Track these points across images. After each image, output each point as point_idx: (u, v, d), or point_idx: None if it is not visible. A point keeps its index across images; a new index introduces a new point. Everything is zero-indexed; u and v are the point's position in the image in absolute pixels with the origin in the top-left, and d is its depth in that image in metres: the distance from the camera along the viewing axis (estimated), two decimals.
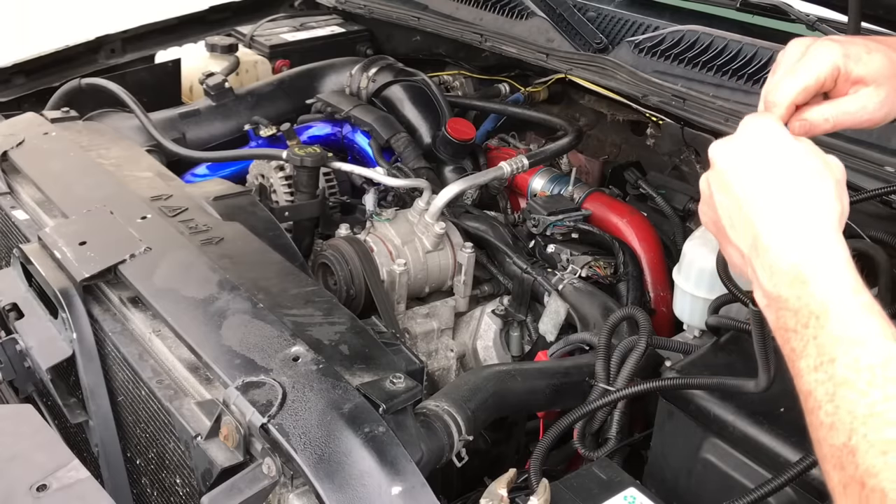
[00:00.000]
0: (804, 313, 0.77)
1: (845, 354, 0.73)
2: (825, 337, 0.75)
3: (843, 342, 0.74)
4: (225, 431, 1.07)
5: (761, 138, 0.88)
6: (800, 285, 0.78)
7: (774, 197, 0.83)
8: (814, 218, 0.82)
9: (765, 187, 0.84)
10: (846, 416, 0.70)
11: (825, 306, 0.76)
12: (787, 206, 0.83)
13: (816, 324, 0.76)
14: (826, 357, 0.74)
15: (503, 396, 1.31)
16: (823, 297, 0.77)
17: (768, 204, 0.83)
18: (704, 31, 1.94)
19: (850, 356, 0.72)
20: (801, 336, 0.77)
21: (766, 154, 0.86)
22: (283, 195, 1.94)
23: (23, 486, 1.01)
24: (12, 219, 1.63)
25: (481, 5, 2.35)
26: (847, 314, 0.75)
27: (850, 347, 0.73)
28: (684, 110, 1.75)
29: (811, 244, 0.80)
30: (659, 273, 1.79)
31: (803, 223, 0.81)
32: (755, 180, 0.85)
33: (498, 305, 1.83)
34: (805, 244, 0.80)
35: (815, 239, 0.80)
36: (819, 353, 0.75)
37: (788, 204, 0.83)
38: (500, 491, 1.08)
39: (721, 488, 1.14)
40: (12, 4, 5.42)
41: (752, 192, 0.85)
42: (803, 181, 0.84)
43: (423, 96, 2.18)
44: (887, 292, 1.39)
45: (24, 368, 1.39)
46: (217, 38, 2.48)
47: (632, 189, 2.02)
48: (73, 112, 1.98)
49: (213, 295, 1.28)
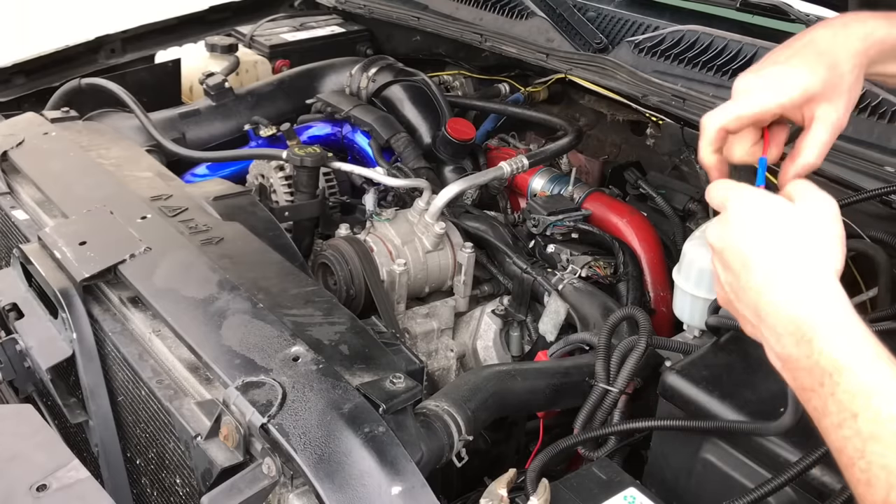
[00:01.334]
0: (817, 372, 0.76)
1: (866, 408, 0.72)
2: (842, 393, 0.74)
3: (861, 395, 0.73)
4: (225, 431, 1.07)
5: (744, 211, 0.90)
6: (806, 344, 0.78)
7: (764, 262, 0.85)
8: (805, 272, 0.82)
9: (755, 256, 0.86)
10: (880, 472, 0.69)
11: (835, 362, 0.75)
12: (777, 268, 0.84)
13: (831, 381, 0.75)
14: (847, 413, 0.73)
15: (503, 396, 1.31)
16: (831, 352, 0.76)
17: (760, 270, 0.85)
18: (704, 31, 1.94)
19: (871, 410, 0.71)
20: (819, 395, 0.76)
21: (751, 225, 0.88)
22: (283, 195, 1.94)
23: (23, 486, 1.01)
24: (12, 219, 1.63)
25: (481, 5, 2.35)
26: (858, 366, 0.74)
27: (869, 400, 0.72)
28: (684, 110, 1.75)
29: (807, 300, 0.80)
30: (659, 273, 1.79)
31: (795, 281, 0.82)
32: (746, 252, 0.87)
33: (498, 305, 1.83)
34: (801, 301, 0.80)
35: (810, 294, 0.81)
36: (840, 411, 0.73)
37: (778, 265, 0.84)
38: (500, 491, 1.08)
39: (721, 488, 1.13)
40: (12, 4, 5.41)
41: (746, 262, 0.87)
42: (789, 239, 0.85)
43: (423, 96, 2.18)
44: (887, 292, 1.39)
45: (24, 368, 1.40)
46: (217, 38, 2.48)
47: (632, 189, 2.02)
48: (73, 112, 1.98)
49: (213, 295, 1.28)
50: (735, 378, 1.16)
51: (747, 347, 1.17)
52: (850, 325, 0.78)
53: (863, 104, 1.62)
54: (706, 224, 1.57)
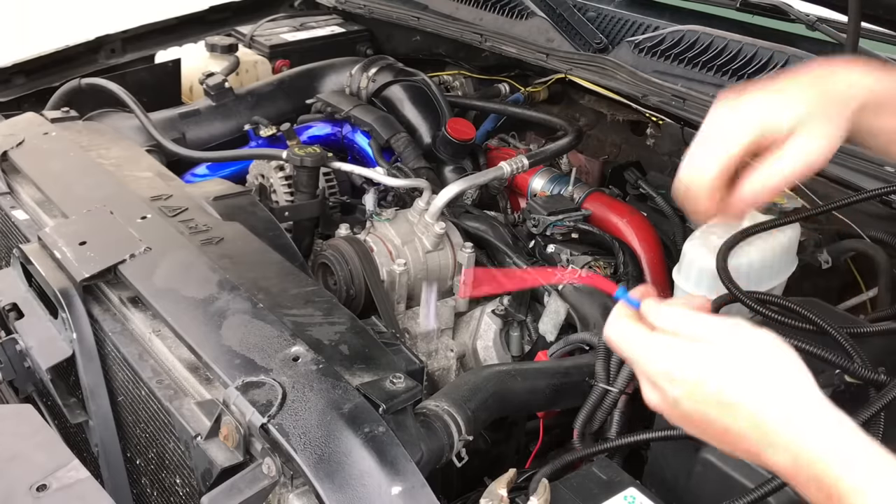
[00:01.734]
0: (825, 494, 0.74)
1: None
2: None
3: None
4: (225, 431, 1.07)
5: (669, 374, 0.83)
6: (807, 468, 0.75)
7: (737, 423, 0.80)
8: (779, 399, 0.78)
9: (722, 418, 0.81)
10: None
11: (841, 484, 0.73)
12: (755, 423, 0.79)
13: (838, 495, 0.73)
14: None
15: (503, 396, 1.31)
16: (835, 472, 0.74)
17: (741, 430, 0.80)
18: (704, 31, 1.95)
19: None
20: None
21: (688, 389, 0.82)
22: (283, 195, 1.94)
23: (23, 486, 1.01)
24: (12, 219, 1.63)
25: (481, 5, 2.35)
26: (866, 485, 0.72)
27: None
28: (684, 110, 1.75)
29: (831, 452, 0.75)
30: (659, 273, 1.79)
31: (783, 428, 0.77)
32: (709, 417, 0.82)
33: (498, 305, 1.82)
34: (826, 455, 0.75)
35: (830, 441, 0.76)
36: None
37: (752, 401, 0.79)
38: (500, 491, 1.08)
39: (721, 488, 1.13)
40: (12, 4, 5.41)
41: (720, 429, 0.81)
42: (733, 381, 0.80)
43: (423, 96, 2.18)
44: (887, 292, 1.40)
45: (24, 368, 1.39)
46: (217, 38, 2.48)
47: (632, 189, 2.02)
48: (73, 112, 1.98)
49: (213, 295, 1.28)
50: None
51: None
52: (846, 436, 0.76)
53: None
54: (706, 224, 1.57)
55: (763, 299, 1.31)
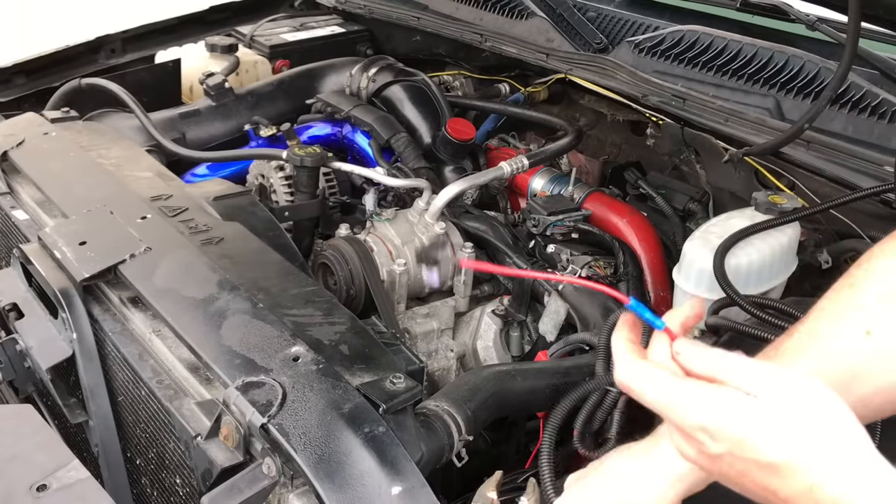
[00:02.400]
0: None
1: None
2: None
3: None
4: (225, 431, 1.07)
5: (706, 429, 0.75)
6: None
7: (783, 482, 0.73)
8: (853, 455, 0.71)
9: (765, 478, 0.74)
10: None
11: None
12: (801, 481, 0.72)
13: None
14: None
15: (503, 396, 1.31)
16: None
17: (788, 489, 0.73)
18: (704, 31, 1.95)
19: None
20: None
21: (728, 445, 0.74)
22: (283, 195, 1.94)
23: (23, 486, 1.01)
24: (12, 219, 1.63)
25: (481, 5, 2.34)
26: None
27: None
28: (684, 110, 1.75)
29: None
30: (659, 273, 1.79)
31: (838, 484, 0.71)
32: (751, 474, 0.75)
33: (498, 305, 1.82)
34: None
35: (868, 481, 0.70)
36: None
37: (797, 477, 0.72)
38: (490, 494, 1.07)
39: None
40: (12, 4, 5.41)
41: (763, 486, 0.74)
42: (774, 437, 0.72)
43: (423, 96, 2.18)
44: None
45: (24, 368, 1.39)
46: (217, 38, 2.48)
47: (632, 189, 2.02)
48: (73, 112, 1.98)
49: (213, 295, 1.28)
50: None
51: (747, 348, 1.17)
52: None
53: (863, 104, 1.62)
54: (706, 224, 1.58)
55: (760, 303, 1.31)
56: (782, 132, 1.57)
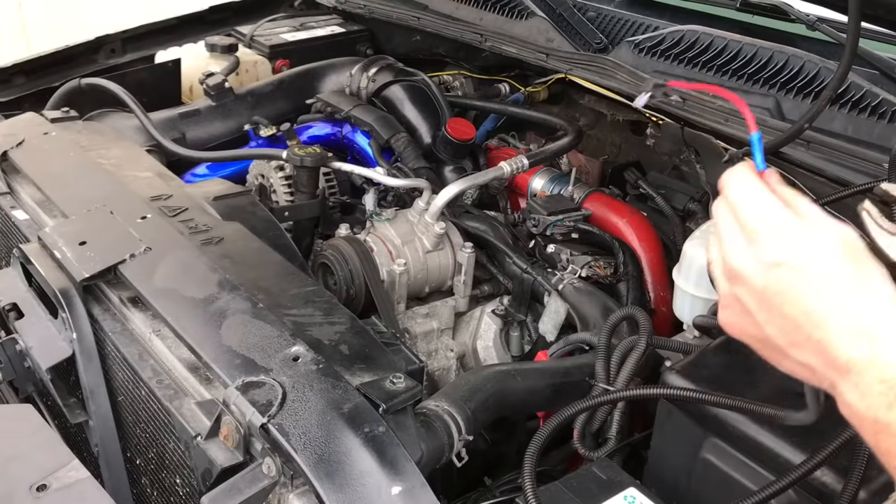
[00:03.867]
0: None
1: None
2: None
3: None
4: (225, 431, 1.07)
5: (782, 239, 0.75)
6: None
7: (834, 306, 0.71)
8: (885, 311, 0.70)
9: (818, 298, 0.72)
10: None
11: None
12: (852, 311, 0.71)
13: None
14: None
15: (503, 396, 1.31)
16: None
17: (833, 315, 0.71)
18: (704, 31, 1.94)
19: None
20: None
21: (798, 258, 0.74)
22: (283, 195, 1.94)
23: (23, 486, 1.01)
24: (12, 219, 1.63)
25: (481, 5, 2.34)
26: None
27: None
28: (684, 110, 1.75)
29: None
30: (659, 273, 1.79)
31: (880, 325, 0.69)
32: (804, 292, 0.73)
33: (498, 305, 1.83)
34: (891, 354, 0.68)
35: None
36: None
37: (852, 307, 0.71)
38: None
39: (721, 488, 1.13)
40: (12, 4, 5.41)
41: (809, 307, 0.73)
42: (849, 272, 0.72)
43: (423, 96, 2.18)
44: None
45: (24, 368, 1.39)
46: (217, 38, 2.48)
47: (632, 189, 2.02)
48: (73, 112, 1.98)
49: (213, 295, 1.28)
50: (735, 378, 1.16)
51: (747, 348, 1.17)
52: None
53: (863, 104, 1.62)
54: (706, 224, 1.58)
55: None
56: (782, 132, 1.57)
